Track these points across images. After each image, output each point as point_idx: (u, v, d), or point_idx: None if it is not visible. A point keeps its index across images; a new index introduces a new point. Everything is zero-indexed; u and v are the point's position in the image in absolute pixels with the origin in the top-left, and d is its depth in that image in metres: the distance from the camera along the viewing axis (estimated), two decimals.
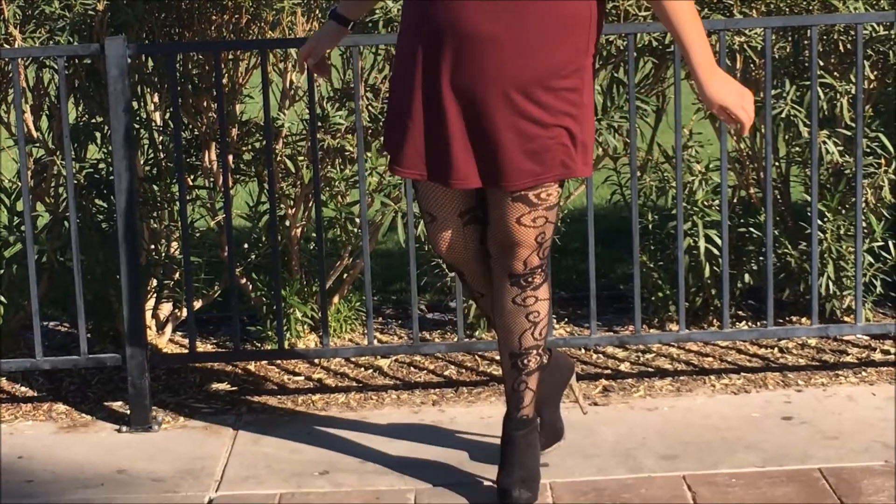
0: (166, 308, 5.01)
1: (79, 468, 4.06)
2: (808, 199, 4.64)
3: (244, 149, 4.85)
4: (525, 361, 3.70)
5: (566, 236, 5.45)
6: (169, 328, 5.00)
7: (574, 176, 3.58)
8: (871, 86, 4.86)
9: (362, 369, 4.79)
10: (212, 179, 4.90)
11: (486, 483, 3.84)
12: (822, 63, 4.77)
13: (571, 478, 3.88)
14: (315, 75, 4.13)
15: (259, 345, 4.95)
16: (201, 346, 4.98)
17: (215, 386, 4.69)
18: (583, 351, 4.86)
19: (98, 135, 4.80)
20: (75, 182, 4.59)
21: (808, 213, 4.60)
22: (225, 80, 4.70)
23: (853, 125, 4.63)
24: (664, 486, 3.81)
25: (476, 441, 4.12)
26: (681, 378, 4.61)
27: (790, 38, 4.90)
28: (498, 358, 4.75)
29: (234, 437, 4.26)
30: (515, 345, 3.69)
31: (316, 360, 4.85)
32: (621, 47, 4.69)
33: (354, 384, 4.67)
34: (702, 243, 4.80)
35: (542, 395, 3.85)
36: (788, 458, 3.96)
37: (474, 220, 3.67)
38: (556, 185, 3.58)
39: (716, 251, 4.78)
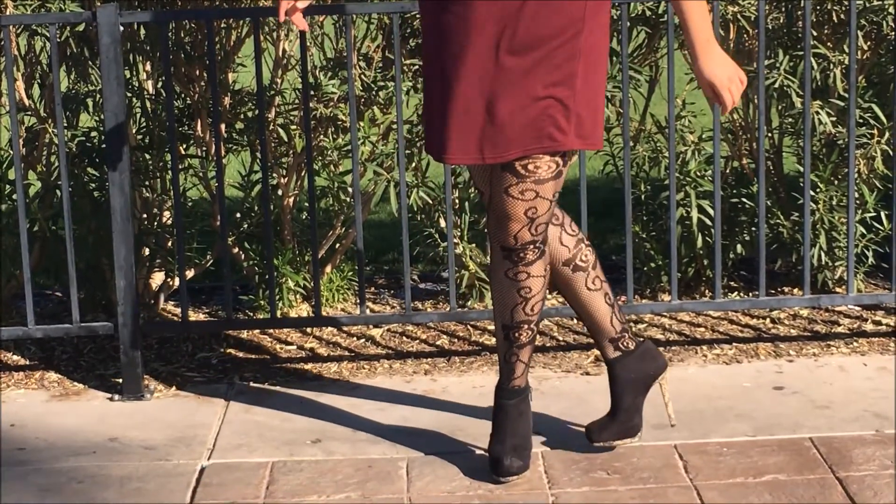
0: (159, 277, 5.01)
1: (71, 436, 4.06)
2: (801, 169, 4.64)
3: (237, 118, 4.83)
4: (516, 335, 3.70)
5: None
6: (161, 297, 5.00)
7: (564, 148, 3.51)
8: (865, 56, 4.85)
9: (354, 339, 4.79)
10: (204, 148, 4.89)
11: (479, 452, 3.85)
12: (815, 33, 4.76)
13: (563, 446, 3.88)
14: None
15: (251, 314, 4.95)
16: (193, 316, 4.97)
17: (207, 355, 4.69)
18: (574, 321, 4.86)
19: (90, 103, 4.79)
20: (67, 150, 4.58)
21: (801, 184, 4.60)
22: (217, 49, 4.69)
23: (846, 96, 4.63)
24: (656, 455, 3.82)
25: (468, 410, 4.13)
26: (672, 348, 4.62)
27: (783, 9, 4.90)
28: (491, 328, 4.77)
29: (226, 405, 4.27)
30: (507, 317, 3.69)
31: (308, 330, 4.85)
32: (615, 17, 4.68)
33: (347, 354, 4.67)
34: (694, 213, 4.80)
35: (624, 382, 3.81)
36: (779, 427, 3.97)
37: None
38: (547, 157, 3.52)
39: (708, 222, 4.79)
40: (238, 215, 4.98)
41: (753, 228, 4.88)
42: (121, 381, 4.40)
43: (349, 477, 3.74)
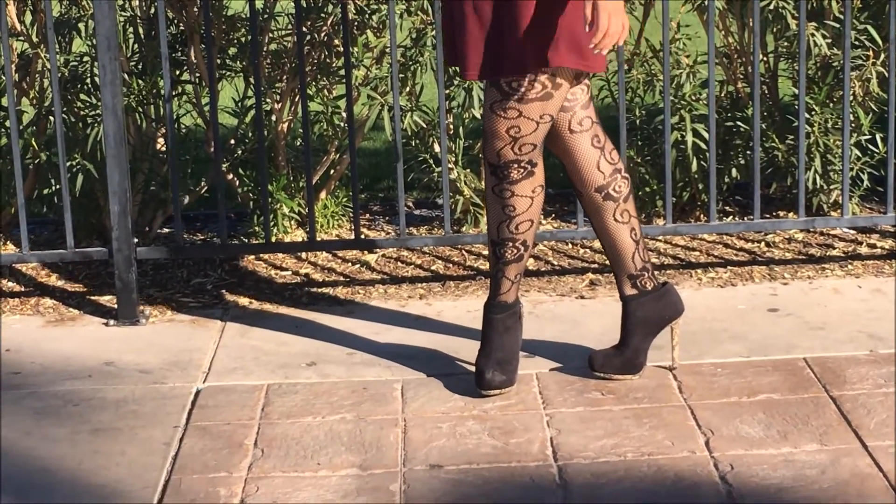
0: (153, 204, 4.99)
1: (66, 360, 4.07)
2: (796, 92, 4.62)
3: (230, 43, 4.81)
4: (501, 251, 3.71)
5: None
6: (156, 225, 4.99)
7: (554, 66, 3.49)
8: None
9: (349, 264, 4.79)
10: (197, 75, 4.87)
11: (472, 372, 3.85)
12: None
13: (557, 368, 3.89)
14: None
15: (246, 240, 4.95)
16: (188, 242, 4.97)
17: (202, 281, 4.69)
18: (569, 246, 4.86)
19: (83, 28, 4.77)
20: (60, 76, 4.56)
21: (796, 108, 4.58)
22: None
23: (842, 17, 4.61)
24: (650, 375, 3.83)
25: (463, 333, 4.13)
26: (667, 272, 4.62)
27: None
28: (485, 252, 4.77)
29: (222, 330, 4.27)
30: (494, 233, 3.70)
31: (303, 256, 4.85)
32: None
33: (342, 279, 4.67)
34: (689, 137, 4.79)
35: (636, 321, 3.78)
36: (774, 348, 3.98)
37: None
38: (532, 76, 3.50)
39: (703, 146, 4.77)
40: (232, 142, 4.97)
41: (748, 152, 4.86)
42: (116, 306, 4.40)
43: (344, 398, 3.75)
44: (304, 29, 4.57)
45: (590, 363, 3.81)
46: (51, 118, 4.69)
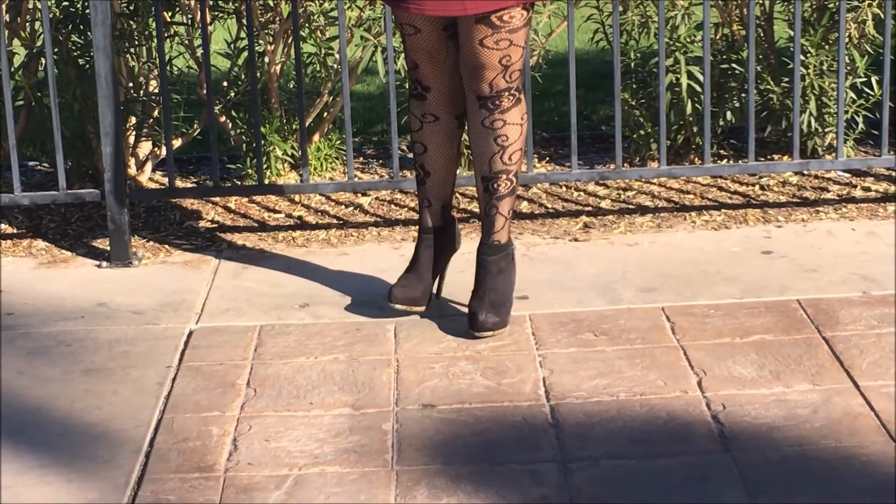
0: (146, 147, 4.98)
1: (59, 301, 4.07)
2: (792, 34, 4.60)
3: None
4: (495, 186, 3.70)
5: (548, 79, 5.41)
6: (148, 167, 4.98)
7: None
8: None
9: (343, 207, 4.78)
10: (189, 16, 4.84)
11: (466, 314, 3.85)
12: None
13: (550, 309, 3.89)
14: None
15: (239, 183, 4.93)
16: (181, 185, 4.95)
17: (196, 223, 4.68)
18: (564, 189, 4.85)
19: None
20: (51, 16, 4.53)
21: (791, 50, 4.56)
22: None
23: None
24: (643, 317, 3.83)
25: (456, 276, 4.12)
26: (661, 215, 4.61)
27: None
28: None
29: (215, 272, 4.26)
30: (486, 168, 3.69)
31: (296, 199, 4.83)
32: None
33: (335, 221, 4.66)
34: (684, 79, 4.77)
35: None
36: (767, 289, 3.98)
37: (455, 37, 3.65)
38: (520, 7, 3.56)
39: (698, 88, 4.76)
40: (225, 84, 4.94)
41: (743, 95, 4.84)
42: (109, 248, 4.39)
43: (337, 339, 3.75)
44: None
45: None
46: (42, 59, 4.65)
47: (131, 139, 4.89)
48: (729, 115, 4.95)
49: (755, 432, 3.19)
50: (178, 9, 4.86)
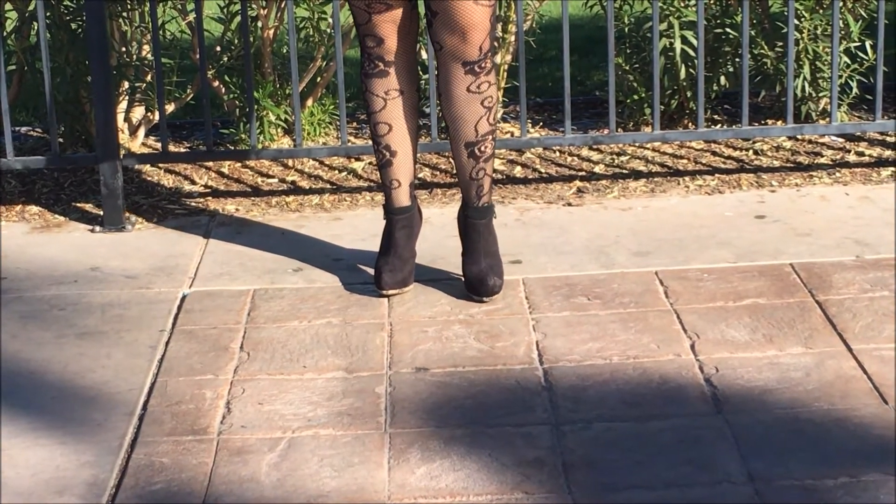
0: (139, 112, 4.96)
1: (52, 266, 4.06)
2: None
3: None
4: (483, 148, 3.70)
5: (542, 44, 5.40)
6: (141, 132, 4.97)
7: None
8: None
9: (336, 172, 4.77)
10: None
11: (461, 278, 3.85)
12: None
13: (544, 273, 3.89)
14: None
15: (233, 147, 4.92)
16: (174, 150, 4.94)
17: (189, 188, 4.67)
18: (557, 153, 4.85)
19: None
20: None
21: (785, 14, 4.55)
22: None
23: None
24: (636, 280, 3.83)
25: (450, 240, 4.12)
26: (655, 179, 4.61)
27: None
28: None
29: (208, 236, 4.26)
30: (472, 133, 3.68)
31: (289, 164, 4.83)
32: None
33: (328, 186, 4.66)
34: (678, 44, 4.76)
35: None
36: (760, 254, 3.98)
37: (416, 7, 3.66)
38: None
39: (692, 53, 4.75)
40: (217, 49, 4.92)
41: (737, 59, 4.84)
42: (102, 213, 4.38)
43: (330, 303, 3.75)
44: None
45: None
46: (34, 23, 4.64)
47: (124, 104, 4.87)
48: (723, 79, 4.94)
49: (748, 395, 3.19)
50: None
